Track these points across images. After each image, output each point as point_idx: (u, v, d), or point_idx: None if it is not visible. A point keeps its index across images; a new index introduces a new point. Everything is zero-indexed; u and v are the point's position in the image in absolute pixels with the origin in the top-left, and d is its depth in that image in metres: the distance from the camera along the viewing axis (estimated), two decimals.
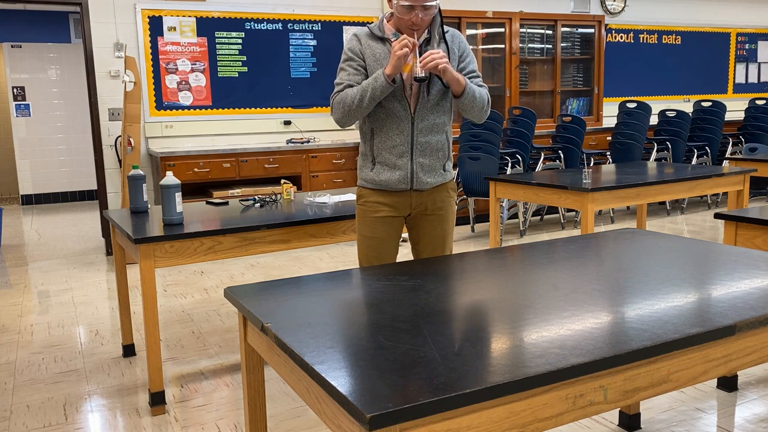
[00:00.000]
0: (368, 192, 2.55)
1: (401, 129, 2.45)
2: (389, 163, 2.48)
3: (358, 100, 2.37)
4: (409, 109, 2.44)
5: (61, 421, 2.78)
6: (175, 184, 2.82)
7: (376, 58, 2.44)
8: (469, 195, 6.13)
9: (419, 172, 2.49)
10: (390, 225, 2.55)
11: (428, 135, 2.48)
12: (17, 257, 6.06)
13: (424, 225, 2.58)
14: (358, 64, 2.45)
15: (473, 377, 1.21)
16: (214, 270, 5.31)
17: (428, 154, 2.50)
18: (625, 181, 3.90)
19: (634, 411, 2.56)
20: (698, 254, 2.09)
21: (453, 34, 2.51)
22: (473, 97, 2.43)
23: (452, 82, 2.37)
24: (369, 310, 1.62)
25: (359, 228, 2.59)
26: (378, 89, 2.33)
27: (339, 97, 2.43)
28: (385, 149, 2.48)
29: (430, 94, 2.45)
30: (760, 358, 1.56)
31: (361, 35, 2.49)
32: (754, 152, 6.97)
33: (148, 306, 2.74)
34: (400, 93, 2.43)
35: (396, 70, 2.31)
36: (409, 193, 2.52)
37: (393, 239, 2.57)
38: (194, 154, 5.55)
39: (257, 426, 1.89)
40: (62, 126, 9.52)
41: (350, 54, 2.47)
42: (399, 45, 2.27)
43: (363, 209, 2.56)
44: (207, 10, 6.04)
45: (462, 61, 2.52)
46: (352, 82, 2.43)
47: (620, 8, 8.17)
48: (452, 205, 2.62)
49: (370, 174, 2.53)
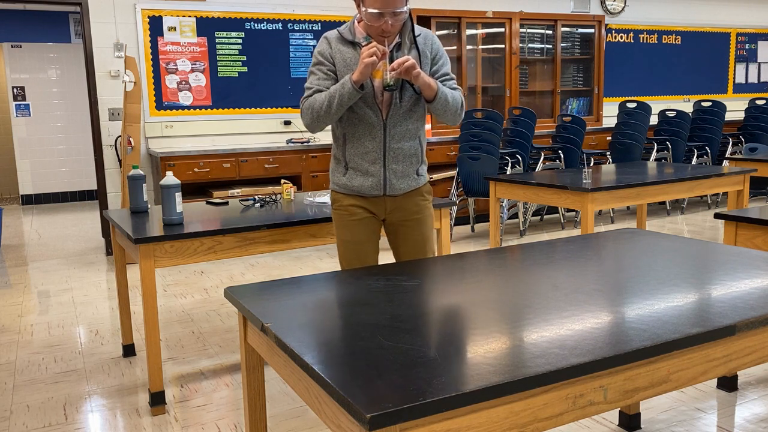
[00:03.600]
0: (342, 196, 2.52)
1: (373, 135, 2.41)
2: (362, 170, 2.45)
3: (326, 106, 2.32)
4: (381, 116, 2.40)
5: (61, 421, 2.78)
6: (175, 184, 2.82)
7: (346, 63, 2.38)
8: (469, 195, 6.12)
9: (392, 178, 2.46)
10: (368, 226, 2.51)
11: (401, 141, 2.44)
12: (17, 257, 6.07)
13: (403, 231, 2.55)
14: (328, 69, 2.40)
15: (473, 377, 1.21)
16: (214, 270, 5.31)
17: (401, 160, 2.46)
18: (625, 181, 3.90)
19: (634, 411, 2.56)
20: (698, 254, 2.09)
21: (425, 36, 2.45)
22: (445, 101, 2.39)
23: (424, 88, 2.33)
24: (369, 310, 1.62)
25: (338, 233, 2.54)
26: (345, 96, 2.28)
27: (308, 103, 2.38)
28: (357, 155, 2.44)
29: (403, 101, 2.40)
30: (760, 358, 1.57)
31: (331, 38, 2.43)
32: (754, 152, 6.97)
33: (148, 306, 2.74)
34: (372, 100, 2.38)
35: (363, 77, 2.25)
36: (383, 198, 2.50)
37: (372, 241, 2.54)
38: (194, 154, 5.55)
39: (257, 426, 1.89)
40: (62, 126, 9.52)
41: (320, 58, 2.41)
42: (367, 52, 2.22)
43: (339, 213, 2.53)
44: (207, 10, 6.05)
45: (435, 64, 2.47)
46: (321, 87, 2.38)
47: (620, 8, 8.17)
48: (428, 208, 2.58)
49: (342, 179, 2.50)
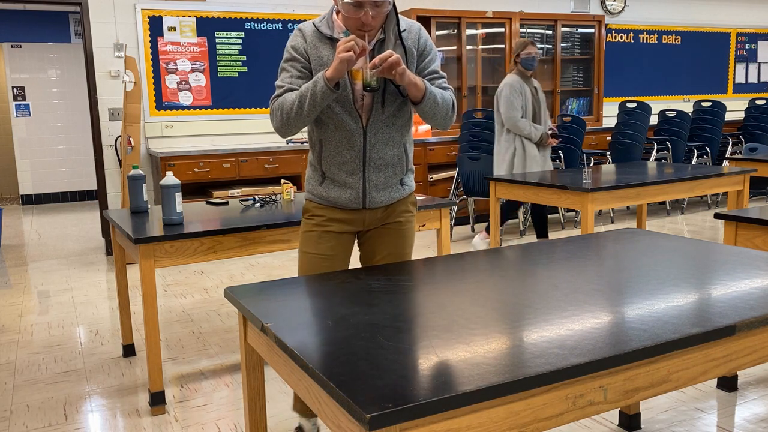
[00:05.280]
0: (316, 206, 2.27)
1: (352, 144, 2.15)
2: (339, 181, 2.20)
3: (297, 107, 2.05)
4: (361, 123, 2.14)
5: (61, 421, 2.78)
6: (175, 184, 2.82)
7: (322, 61, 2.10)
8: (469, 195, 6.12)
9: (372, 191, 2.20)
10: (338, 241, 2.25)
11: (383, 150, 2.18)
12: (17, 257, 6.07)
13: (377, 239, 2.29)
14: (302, 66, 2.13)
15: (473, 377, 1.21)
16: (214, 270, 5.31)
17: (382, 170, 2.20)
18: (625, 181, 3.90)
19: (634, 411, 2.56)
20: (698, 254, 2.09)
21: (411, 30, 2.16)
22: (435, 103, 2.11)
23: (410, 87, 2.05)
24: (369, 310, 1.62)
25: (302, 245, 2.28)
26: (318, 95, 2.00)
27: (277, 103, 2.12)
28: (334, 165, 2.19)
29: (385, 105, 2.13)
30: (760, 358, 1.56)
31: (306, 32, 2.14)
32: (754, 152, 6.97)
33: (148, 306, 2.74)
34: (350, 104, 2.11)
35: (338, 74, 1.97)
36: (362, 211, 2.25)
37: (342, 258, 2.27)
38: (194, 154, 5.55)
39: (257, 426, 1.89)
40: (62, 126, 9.52)
41: (293, 53, 2.14)
42: (344, 46, 1.94)
43: (308, 223, 2.27)
44: (207, 10, 6.05)
45: (423, 60, 2.19)
46: (293, 85, 2.11)
47: (620, 8, 8.17)
48: (411, 221, 2.32)
49: (318, 188, 2.25)
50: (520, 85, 5.04)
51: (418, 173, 6.47)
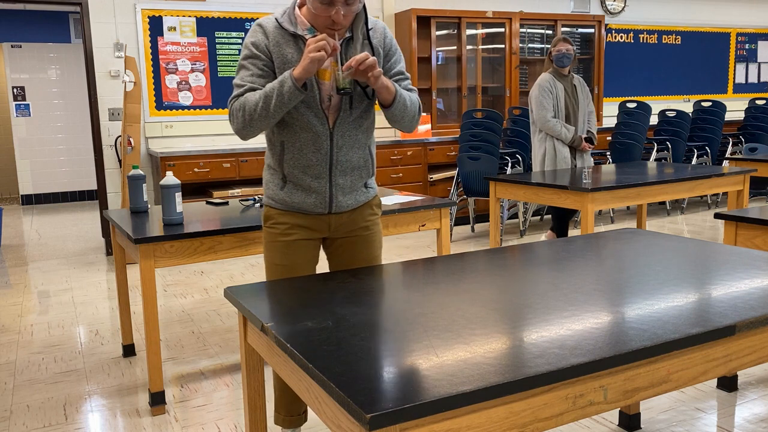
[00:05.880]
0: (277, 212, 2.16)
1: (318, 146, 2.06)
2: (303, 185, 2.10)
3: (261, 107, 1.94)
4: (328, 124, 2.05)
5: (61, 421, 2.78)
6: (175, 184, 2.82)
7: (285, 59, 2.01)
8: (469, 195, 6.13)
9: (338, 195, 2.12)
10: (305, 249, 2.17)
11: (349, 152, 2.10)
12: (17, 257, 6.07)
13: (347, 248, 2.22)
14: (264, 64, 2.02)
15: (473, 377, 1.21)
16: (214, 270, 5.31)
17: (349, 173, 2.13)
18: (625, 181, 3.90)
19: (634, 411, 2.56)
20: (698, 254, 2.09)
21: (376, 29, 2.09)
22: (404, 106, 2.05)
23: (382, 91, 1.98)
24: (369, 310, 1.62)
25: (268, 255, 2.19)
26: (285, 95, 1.91)
27: (238, 103, 2.00)
28: (297, 168, 2.09)
29: (353, 106, 2.06)
30: (760, 358, 1.57)
31: (267, 27, 2.02)
32: (754, 152, 6.97)
33: (148, 306, 2.74)
34: (317, 105, 2.03)
35: (307, 74, 1.89)
36: (328, 216, 2.16)
37: (309, 265, 2.19)
38: (194, 154, 5.55)
39: (257, 426, 1.89)
40: (62, 126, 9.52)
41: (254, 50, 2.02)
42: (315, 45, 1.85)
43: (271, 232, 2.17)
44: (207, 10, 6.05)
45: (388, 60, 2.12)
46: (255, 84, 2.00)
47: (620, 8, 8.17)
48: (377, 223, 2.27)
49: (279, 193, 2.14)
50: (551, 84, 4.84)
51: (418, 173, 6.47)
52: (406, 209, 3.12)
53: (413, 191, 6.31)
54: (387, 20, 6.81)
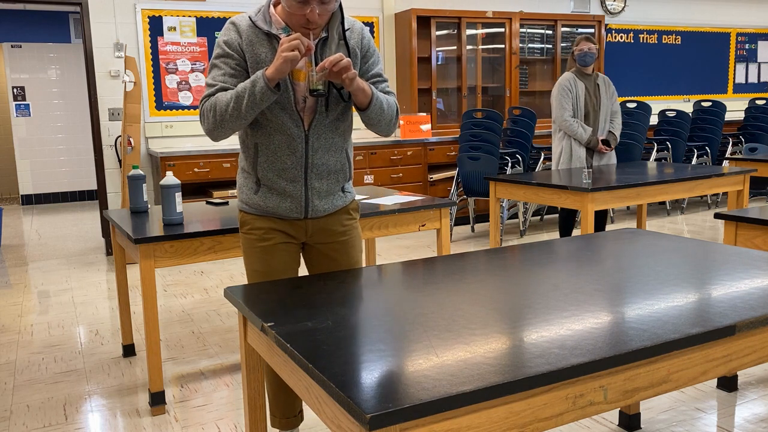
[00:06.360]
0: (253, 217, 2.12)
1: (293, 149, 2.02)
2: (278, 189, 2.06)
3: (233, 108, 1.89)
4: (303, 127, 2.01)
5: (61, 421, 2.78)
6: (175, 184, 2.82)
7: (258, 59, 1.96)
8: (469, 195, 6.13)
9: (314, 199, 2.08)
10: (285, 253, 2.13)
11: (325, 155, 2.06)
12: (17, 257, 6.07)
13: (326, 255, 2.19)
14: (236, 63, 1.97)
15: (473, 377, 1.21)
16: (214, 270, 5.31)
17: (325, 177, 2.08)
18: (625, 181, 3.90)
19: (634, 411, 2.56)
20: (698, 254, 2.09)
21: (353, 29, 2.05)
22: (381, 109, 2.01)
23: (358, 93, 1.93)
24: (369, 310, 1.62)
25: (248, 261, 2.15)
26: (257, 95, 1.86)
27: (209, 103, 1.95)
28: (272, 172, 2.05)
29: (329, 109, 2.02)
30: (760, 358, 1.57)
31: (241, 26, 1.98)
32: (754, 152, 6.97)
33: (148, 306, 2.74)
34: (291, 106, 1.98)
35: (280, 74, 1.84)
36: (304, 221, 2.12)
37: (290, 270, 2.16)
38: (194, 154, 5.55)
39: (257, 426, 1.89)
40: (62, 126, 9.52)
41: (226, 49, 1.97)
42: (288, 45, 1.81)
43: (249, 238, 2.13)
44: (207, 10, 6.05)
45: (366, 61, 2.07)
46: (227, 84, 1.95)
47: (620, 8, 8.17)
48: (356, 227, 2.22)
49: (254, 198, 2.10)
50: (572, 83, 4.79)
51: (418, 173, 6.47)
52: (406, 209, 3.12)
53: (413, 191, 6.31)
54: (387, 20, 6.81)
